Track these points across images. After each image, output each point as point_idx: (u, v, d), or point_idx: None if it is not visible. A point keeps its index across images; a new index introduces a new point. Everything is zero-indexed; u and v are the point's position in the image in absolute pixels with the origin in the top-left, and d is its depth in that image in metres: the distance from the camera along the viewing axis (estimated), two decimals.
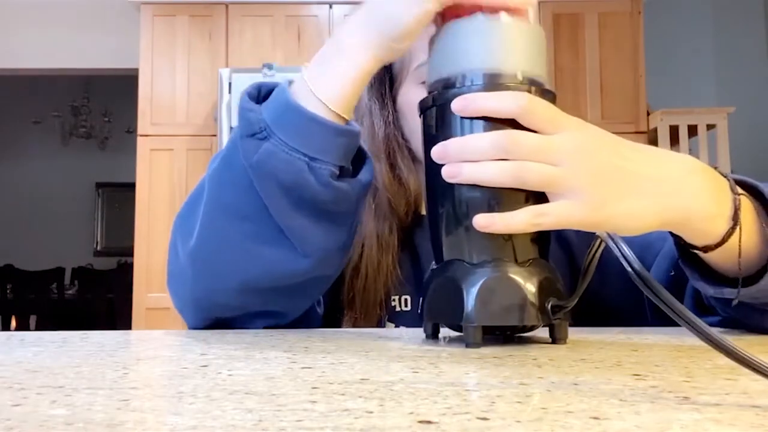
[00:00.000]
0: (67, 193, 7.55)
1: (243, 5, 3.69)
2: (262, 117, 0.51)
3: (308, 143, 0.50)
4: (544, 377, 0.34)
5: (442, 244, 0.49)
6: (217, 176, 0.55)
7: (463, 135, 0.47)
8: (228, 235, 0.54)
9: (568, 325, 0.48)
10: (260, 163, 0.50)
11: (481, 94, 0.46)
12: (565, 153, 0.45)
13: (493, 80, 0.47)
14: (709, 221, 0.48)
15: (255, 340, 0.51)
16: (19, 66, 4.42)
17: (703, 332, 0.30)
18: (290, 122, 0.50)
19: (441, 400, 0.28)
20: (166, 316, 3.47)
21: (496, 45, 0.47)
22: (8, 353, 0.43)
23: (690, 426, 0.24)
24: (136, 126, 3.63)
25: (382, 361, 0.39)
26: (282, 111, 0.50)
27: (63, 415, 0.25)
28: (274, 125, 0.50)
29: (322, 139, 0.50)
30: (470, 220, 0.46)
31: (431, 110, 0.49)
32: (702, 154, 3.42)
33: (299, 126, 0.50)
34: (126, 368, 0.37)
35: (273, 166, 0.50)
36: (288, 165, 0.49)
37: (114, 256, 7.13)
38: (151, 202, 3.56)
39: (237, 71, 3.36)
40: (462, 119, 0.47)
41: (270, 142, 0.50)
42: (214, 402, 0.27)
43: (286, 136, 0.50)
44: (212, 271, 0.56)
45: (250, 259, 0.54)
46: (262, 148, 0.50)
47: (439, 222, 0.49)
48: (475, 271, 0.46)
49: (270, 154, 0.50)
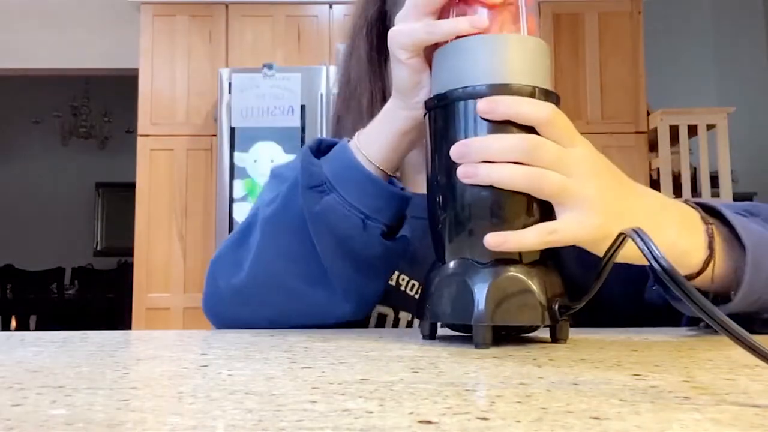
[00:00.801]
0: (67, 193, 7.55)
1: (243, 5, 3.68)
2: (323, 171, 0.55)
3: (365, 202, 0.54)
4: (544, 377, 0.34)
5: (444, 243, 0.49)
6: (275, 220, 0.59)
7: (468, 137, 0.46)
8: (279, 273, 0.59)
9: (569, 326, 0.48)
10: (320, 214, 0.55)
11: (509, 97, 0.45)
12: (579, 167, 0.46)
13: (498, 90, 0.46)
14: (688, 254, 0.50)
15: (255, 340, 0.51)
16: (19, 66, 4.42)
17: (737, 335, 0.29)
18: (350, 180, 0.55)
19: (441, 400, 0.28)
20: (166, 316, 3.48)
21: (499, 62, 0.47)
22: (8, 353, 0.43)
23: (690, 426, 0.24)
24: (136, 126, 3.63)
25: (382, 361, 0.39)
26: (343, 168, 0.55)
27: (63, 415, 0.25)
28: (335, 181, 0.55)
29: (377, 199, 0.55)
30: (474, 221, 0.46)
31: (437, 110, 0.49)
32: (702, 154, 3.42)
33: (358, 184, 0.54)
34: (126, 368, 0.37)
35: (331, 219, 0.54)
36: (345, 219, 0.54)
37: (114, 256, 7.14)
38: (151, 202, 3.56)
39: (237, 71, 3.36)
40: (469, 121, 0.46)
41: (330, 196, 0.54)
42: (214, 402, 0.27)
43: (346, 193, 0.54)
44: (258, 302, 0.61)
45: (296, 298, 0.59)
46: (323, 200, 0.54)
47: (443, 222, 0.48)
48: (483, 270, 0.45)
49: (330, 207, 0.54)
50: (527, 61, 0.47)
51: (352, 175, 0.54)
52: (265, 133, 3.25)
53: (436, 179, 0.49)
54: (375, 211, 0.54)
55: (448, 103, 0.47)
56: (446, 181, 0.47)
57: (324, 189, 0.55)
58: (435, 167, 0.49)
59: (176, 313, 3.50)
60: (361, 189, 0.54)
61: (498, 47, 0.47)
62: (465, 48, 0.48)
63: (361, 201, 0.54)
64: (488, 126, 0.46)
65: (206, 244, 3.51)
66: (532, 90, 0.46)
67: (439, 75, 0.50)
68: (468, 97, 0.46)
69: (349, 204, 0.54)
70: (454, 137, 0.47)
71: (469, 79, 0.47)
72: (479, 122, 0.46)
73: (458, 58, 0.48)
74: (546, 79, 0.48)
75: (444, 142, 0.47)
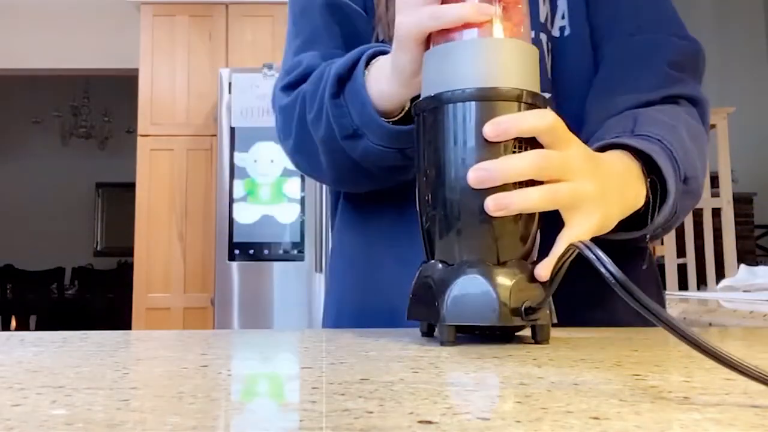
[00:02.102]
0: (67, 193, 7.55)
1: (243, 5, 3.69)
2: (353, 120, 0.61)
3: (396, 143, 0.60)
4: (544, 377, 0.34)
5: (433, 242, 0.50)
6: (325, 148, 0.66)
7: (459, 139, 0.48)
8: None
9: (549, 327, 0.48)
10: (361, 157, 0.63)
11: (510, 116, 0.47)
12: (579, 168, 0.49)
13: (487, 93, 0.47)
14: (638, 203, 0.57)
15: (255, 340, 0.51)
16: (19, 66, 4.42)
17: (682, 332, 0.31)
18: (376, 128, 0.60)
19: (441, 400, 0.28)
20: (166, 316, 3.48)
21: (488, 65, 0.48)
22: (8, 353, 0.43)
23: (690, 426, 0.24)
24: (136, 126, 3.63)
25: (382, 361, 0.39)
26: (368, 119, 0.60)
27: (63, 415, 0.25)
28: (365, 128, 0.60)
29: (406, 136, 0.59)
30: (461, 221, 0.47)
31: (427, 112, 0.50)
32: None
33: (383, 132, 0.60)
34: (126, 368, 0.37)
35: (372, 159, 0.62)
36: (383, 157, 0.62)
37: (114, 256, 7.14)
38: (151, 202, 3.56)
39: (237, 71, 3.36)
40: (458, 123, 0.48)
41: (364, 141, 0.61)
42: (214, 402, 0.27)
43: (377, 139, 0.61)
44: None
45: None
46: (359, 147, 0.62)
47: (430, 221, 0.50)
48: (448, 270, 0.48)
49: (366, 152, 0.62)
50: (516, 64, 0.48)
51: (376, 125, 0.60)
52: (265, 133, 3.25)
53: (422, 180, 0.50)
54: (407, 142, 0.59)
55: (438, 105, 0.49)
56: (429, 182, 0.49)
57: (357, 135, 0.61)
58: (421, 169, 0.50)
59: (176, 313, 3.50)
60: (387, 136, 0.60)
61: (487, 50, 0.48)
62: (454, 50, 0.49)
63: (391, 143, 0.60)
64: (477, 129, 0.47)
65: (206, 244, 3.51)
66: (519, 93, 0.47)
67: (428, 76, 0.51)
68: (457, 100, 0.48)
69: (382, 145, 0.60)
70: (444, 139, 0.48)
71: (458, 81, 0.48)
72: (468, 125, 0.47)
73: (448, 60, 0.49)
74: (536, 83, 0.50)
75: (434, 145, 0.49)
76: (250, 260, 3.22)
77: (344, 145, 0.63)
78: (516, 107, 0.47)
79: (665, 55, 0.69)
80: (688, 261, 3.36)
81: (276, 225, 3.25)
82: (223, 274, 3.22)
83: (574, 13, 0.71)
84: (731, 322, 1.05)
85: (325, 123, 0.64)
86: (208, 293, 3.43)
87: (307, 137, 0.67)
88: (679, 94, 0.66)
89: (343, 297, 0.76)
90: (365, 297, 0.73)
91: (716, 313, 1.10)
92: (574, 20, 0.71)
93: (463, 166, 0.47)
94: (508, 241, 0.47)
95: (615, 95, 0.66)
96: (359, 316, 0.72)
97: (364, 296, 0.73)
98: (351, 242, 0.76)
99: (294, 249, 3.24)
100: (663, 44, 0.69)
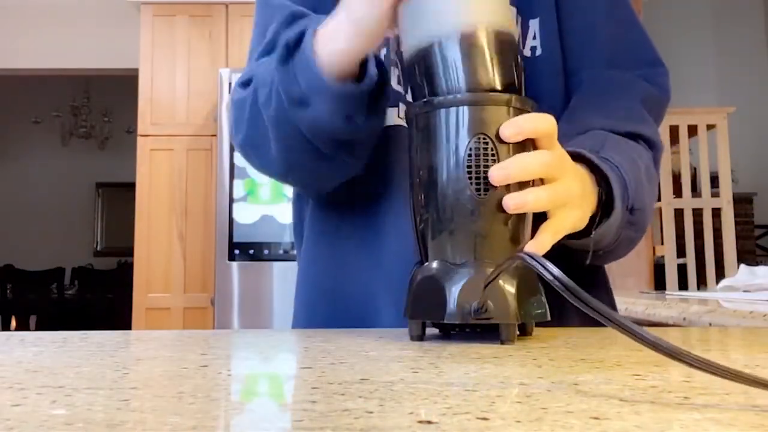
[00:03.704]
0: (67, 193, 7.55)
1: (243, 5, 3.68)
2: (301, 86, 0.60)
3: (345, 108, 0.59)
4: (544, 377, 0.34)
5: (427, 243, 0.51)
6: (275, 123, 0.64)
7: (451, 142, 0.49)
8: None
9: (515, 327, 0.48)
10: (310, 124, 0.61)
11: (527, 117, 0.50)
12: (565, 167, 0.53)
13: (468, 40, 0.50)
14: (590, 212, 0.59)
15: (255, 340, 0.51)
16: (19, 66, 4.42)
17: (633, 332, 0.32)
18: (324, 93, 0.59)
19: (441, 400, 0.28)
20: (166, 316, 3.48)
21: (463, 4, 0.52)
22: (8, 353, 0.43)
23: (690, 426, 0.24)
24: (136, 126, 3.63)
25: (382, 361, 0.39)
26: (316, 82, 0.59)
27: (63, 415, 0.25)
28: (311, 94, 0.59)
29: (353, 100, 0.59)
30: (455, 222, 0.49)
31: (420, 116, 0.51)
32: (702, 154, 3.42)
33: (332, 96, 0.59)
34: (126, 368, 0.37)
35: (320, 125, 0.60)
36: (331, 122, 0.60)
37: (114, 256, 7.14)
38: (151, 202, 3.56)
39: (237, 71, 3.36)
40: (450, 126, 0.49)
41: (311, 108, 0.60)
42: (214, 402, 0.27)
43: (324, 103, 0.59)
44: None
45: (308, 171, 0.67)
46: (307, 114, 0.60)
47: (424, 222, 0.51)
48: (416, 269, 0.51)
49: (314, 118, 0.60)
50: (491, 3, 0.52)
51: (323, 86, 0.58)
52: None
53: (415, 181, 0.52)
54: (354, 108, 0.59)
55: (431, 109, 0.50)
56: (423, 182, 0.50)
57: (304, 100, 0.59)
58: (414, 171, 0.52)
59: (176, 313, 3.50)
60: (333, 97, 0.58)
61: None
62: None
63: (338, 104, 0.59)
64: (470, 132, 0.49)
65: (206, 244, 3.51)
66: (508, 98, 0.50)
67: (405, 27, 0.54)
68: (450, 105, 0.50)
69: (330, 111, 0.59)
70: (436, 143, 0.50)
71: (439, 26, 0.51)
72: (461, 128, 0.49)
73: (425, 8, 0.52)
74: (508, 16, 0.53)
75: (427, 148, 0.50)
76: (250, 260, 3.22)
77: (292, 114, 0.61)
78: (506, 111, 0.50)
79: (638, 94, 0.71)
80: (688, 261, 3.36)
81: (276, 225, 3.25)
82: (223, 274, 3.22)
83: (545, 34, 0.72)
84: (731, 322, 1.05)
85: (275, 95, 0.63)
86: (208, 293, 3.43)
87: (259, 125, 0.66)
88: (641, 134, 0.68)
89: (312, 299, 0.76)
90: (335, 301, 0.71)
91: (716, 313, 1.10)
92: (545, 41, 0.72)
93: (456, 168, 0.48)
94: (499, 240, 0.49)
95: (587, 118, 0.68)
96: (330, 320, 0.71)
97: (334, 300, 0.72)
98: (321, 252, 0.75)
99: (294, 249, 3.23)
100: (636, 84, 0.72)
